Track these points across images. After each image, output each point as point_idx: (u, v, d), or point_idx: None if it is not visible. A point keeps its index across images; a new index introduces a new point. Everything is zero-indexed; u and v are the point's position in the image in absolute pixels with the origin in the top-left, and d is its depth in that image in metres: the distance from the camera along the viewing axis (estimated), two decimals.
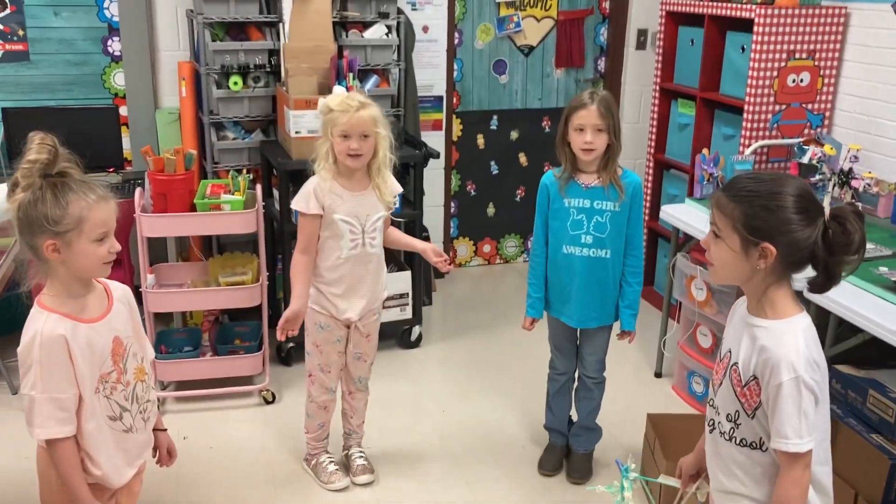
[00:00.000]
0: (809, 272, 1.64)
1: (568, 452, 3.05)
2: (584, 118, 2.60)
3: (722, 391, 1.74)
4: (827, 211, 1.58)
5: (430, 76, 4.51)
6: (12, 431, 3.16)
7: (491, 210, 5.04)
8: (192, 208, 3.24)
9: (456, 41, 4.61)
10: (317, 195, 2.60)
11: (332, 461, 2.95)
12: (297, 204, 2.64)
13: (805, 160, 3.47)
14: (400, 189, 2.79)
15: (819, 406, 1.62)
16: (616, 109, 2.64)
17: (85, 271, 1.78)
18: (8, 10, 3.81)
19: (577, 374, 2.98)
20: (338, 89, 2.72)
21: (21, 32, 3.86)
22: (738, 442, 1.71)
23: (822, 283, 1.61)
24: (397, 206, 3.78)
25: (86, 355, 1.77)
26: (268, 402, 3.44)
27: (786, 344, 1.60)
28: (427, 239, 4.52)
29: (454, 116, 4.74)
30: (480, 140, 4.87)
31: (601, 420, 3.03)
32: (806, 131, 3.80)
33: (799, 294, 1.75)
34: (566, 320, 2.85)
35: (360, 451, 3.01)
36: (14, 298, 1.97)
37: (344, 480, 2.90)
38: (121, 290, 1.93)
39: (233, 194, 3.31)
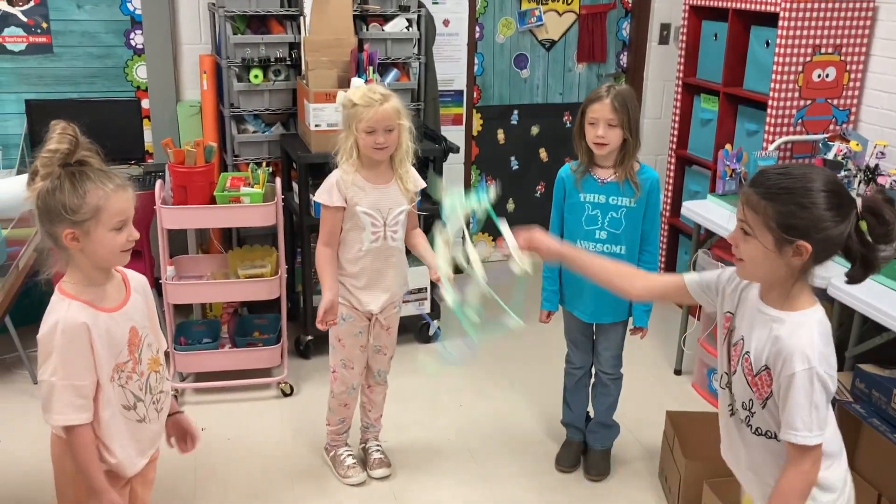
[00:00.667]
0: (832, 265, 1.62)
1: (585, 449, 3.03)
2: (597, 112, 2.58)
3: (736, 379, 1.74)
4: (858, 203, 1.56)
5: (451, 70, 4.49)
6: (34, 420, 3.18)
7: (510, 206, 5.02)
8: (212, 201, 3.25)
9: (477, 35, 4.59)
10: (339, 188, 2.60)
11: (350, 454, 2.95)
12: (319, 196, 2.64)
13: (830, 156, 3.42)
14: (423, 184, 2.77)
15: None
16: (634, 104, 2.60)
17: (103, 260, 1.79)
18: (32, 3, 3.84)
19: (594, 370, 2.96)
20: (356, 82, 2.71)
21: (45, 25, 3.89)
22: (753, 430, 1.71)
23: (861, 274, 1.60)
24: (416, 200, 3.78)
25: (105, 344, 1.78)
26: (286, 395, 3.45)
27: (800, 335, 1.59)
28: None
29: (474, 111, 4.72)
30: (500, 135, 4.85)
31: (619, 416, 3.01)
32: (831, 127, 3.74)
33: (822, 292, 1.72)
34: (580, 315, 2.84)
35: (378, 445, 3.01)
36: (36, 287, 1.98)
37: (360, 475, 2.90)
38: (137, 280, 1.93)
39: (252, 187, 3.32)
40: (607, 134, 2.58)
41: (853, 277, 1.61)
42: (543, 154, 4.96)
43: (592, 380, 2.98)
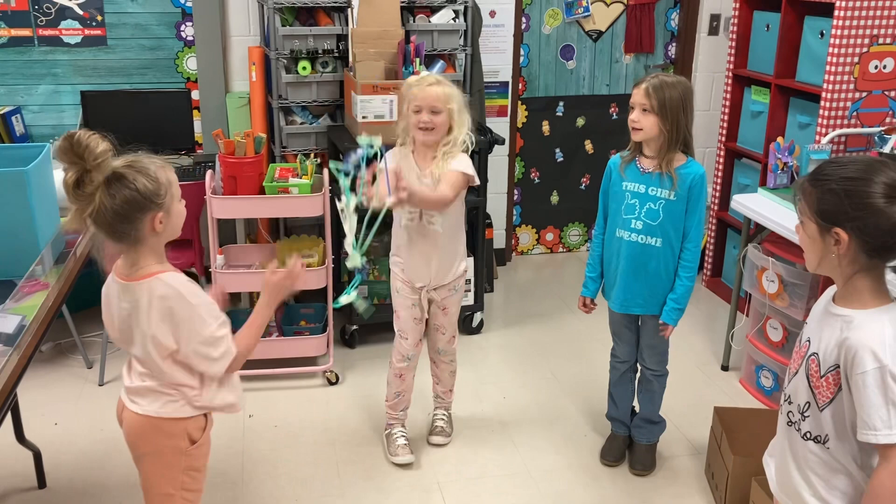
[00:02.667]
0: None
1: (631, 443, 3.02)
2: (634, 96, 2.57)
3: (796, 381, 1.70)
4: None
5: (497, 62, 4.48)
6: (88, 404, 3.27)
7: (555, 198, 4.99)
8: (261, 191, 3.29)
9: (523, 26, 4.57)
10: (394, 154, 2.73)
11: (402, 435, 3.01)
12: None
13: (886, 150, 3.34)
14: (457, 167, 2.63)
15: None
16: (675, 94, 2.51)
17: (177, 231, 1.87)
18: None
19: (639, 365, 2.94)
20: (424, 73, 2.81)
21: (99, 18, 3.97)
22: (803, 434, 1.68)
23: None
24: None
25: None
26: (331, 383, 3.49)
27: (871, 332, 1.54)
28: (490, 226, 4.51)
29: (519, 102, 4.70)
30: (545, 127, 4.83)
31: (665, 412, 2.98)
32: (888, 120, 3.65)
33: None
34: (611, 305, 2.82)
35: (443, 414, 3.12)
36: (88, 276, 2.02)
37: (408, 457, 2.95)
38: None
39: (300, 178, 3.35)
40: (640, 119, 2.55)
41: None
42: (589, 146, 4.92)
43: (638, 374, 2.96)
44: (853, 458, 1.63)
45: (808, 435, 1.67)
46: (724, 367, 3.69)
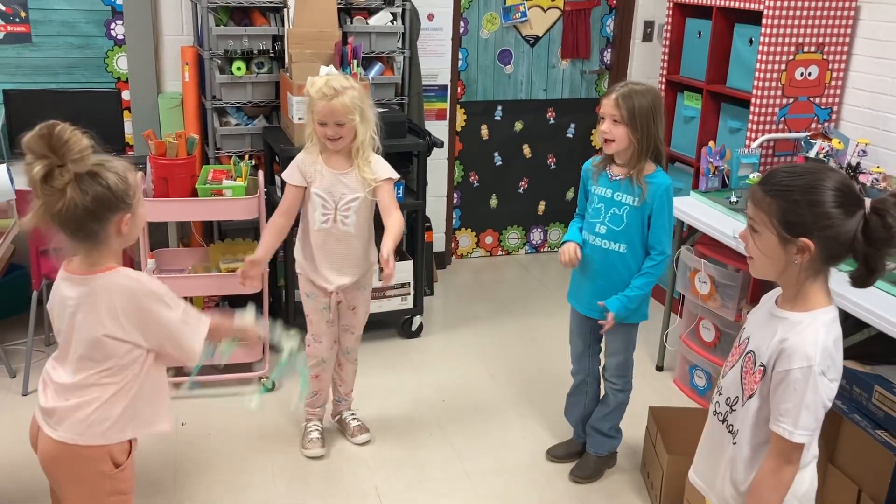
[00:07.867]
0: None
1: (584, 449, 3.01)
2: (603, 107, 2.55)
3: (731, 374, 1.75)
4: (867, 203, 1.55)
5: (435, 65, 4.48)
6: (12, 415, 3.14)
7: (494, 201, 5.01)
8: (194, 193, 3.22)
9: (461, 30, 4.58)
10: (300, 167, 2.74)
11: (316, 429, 3.05)
12: (284, 173, 2.79)
13: (812, 154, 3.44)
14: (387, 174, 2.73)
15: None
16: (645, 104, 2.47)
17: (136, 236, 1.84)
18: None
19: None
20: (323, 70, 2.76)
21: (23, 14, 3.82)
22: (727, 427, 1.73)
23: (864, 276, 1.58)
24: (399, 195, 3.77)
25: None
26: (267, 390, 3.42)
27: (805, 334, 1.58)
28: (429, 229, 4.50)
29: (458, 106, 4.71)
30: (484, 130, 4.84)
31: None
32: (813, 125, 3.77)
33: None
34: (577, 305, 2.80)
35: (352, 414, 3.13)
36: (10, 284, 1.94)
37: (319, 450, 2.99)
38: None
39: (235, 180, 3.29)
40: (611, 130, 2.52)
41: (856, 280, 1.59)
42: (527, 150, 4.96)
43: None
44: (750, 456, 1.68)
45: (731, 428, 1.72)
46: (659, 368, 3.75)
